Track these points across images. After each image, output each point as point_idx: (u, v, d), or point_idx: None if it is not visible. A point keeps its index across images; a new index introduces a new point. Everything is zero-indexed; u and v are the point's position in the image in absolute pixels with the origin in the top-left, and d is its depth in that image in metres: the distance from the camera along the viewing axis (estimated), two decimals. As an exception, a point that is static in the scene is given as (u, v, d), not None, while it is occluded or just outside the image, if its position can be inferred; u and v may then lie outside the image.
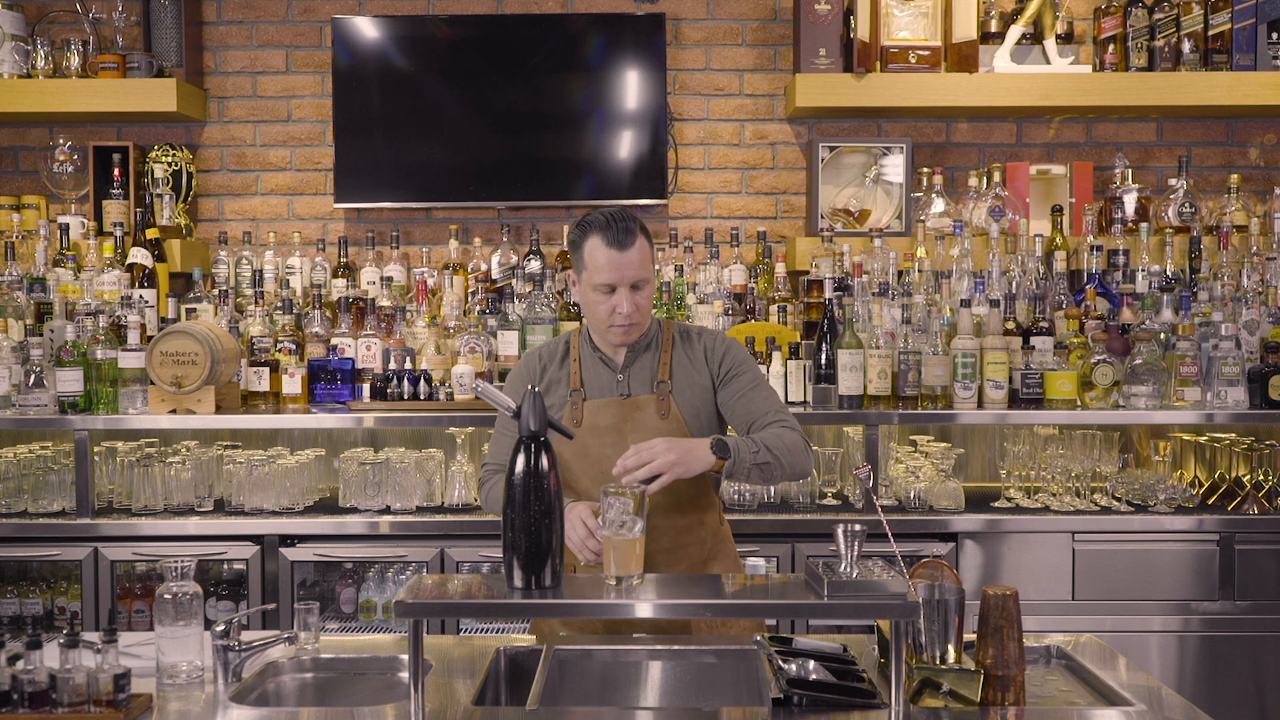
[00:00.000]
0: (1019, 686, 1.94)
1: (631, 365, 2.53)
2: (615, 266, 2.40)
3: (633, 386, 2.52)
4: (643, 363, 2.54)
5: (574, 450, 2.47)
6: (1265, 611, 3.49)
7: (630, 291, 2.42)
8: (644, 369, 2.53)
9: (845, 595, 1.85)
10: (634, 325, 2.46)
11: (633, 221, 2.44)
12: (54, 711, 1.83)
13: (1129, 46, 4.14)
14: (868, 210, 4.24)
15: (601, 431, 2.48)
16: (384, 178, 4.27)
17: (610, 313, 2.44)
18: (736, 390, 2.52)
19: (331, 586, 3.79)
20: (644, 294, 2.45)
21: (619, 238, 2.40)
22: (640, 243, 2.43)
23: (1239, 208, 4.15)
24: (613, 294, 2.43)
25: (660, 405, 2.49)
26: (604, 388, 2.52)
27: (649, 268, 2.46)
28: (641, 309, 2.45)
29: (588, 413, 2.49)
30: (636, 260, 2.41)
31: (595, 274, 2.42)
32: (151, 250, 4.03)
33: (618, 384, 2.52)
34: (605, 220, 2.42)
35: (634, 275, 2.42)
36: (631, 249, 2.41)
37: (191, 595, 2.08)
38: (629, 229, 2.41)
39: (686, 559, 2.50)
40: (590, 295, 2.46)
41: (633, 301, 2.42)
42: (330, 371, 3.79)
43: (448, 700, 2.01)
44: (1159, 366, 3.61)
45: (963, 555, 3.50)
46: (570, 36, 4.26)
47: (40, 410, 3.60)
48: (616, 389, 2.52)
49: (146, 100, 4.11)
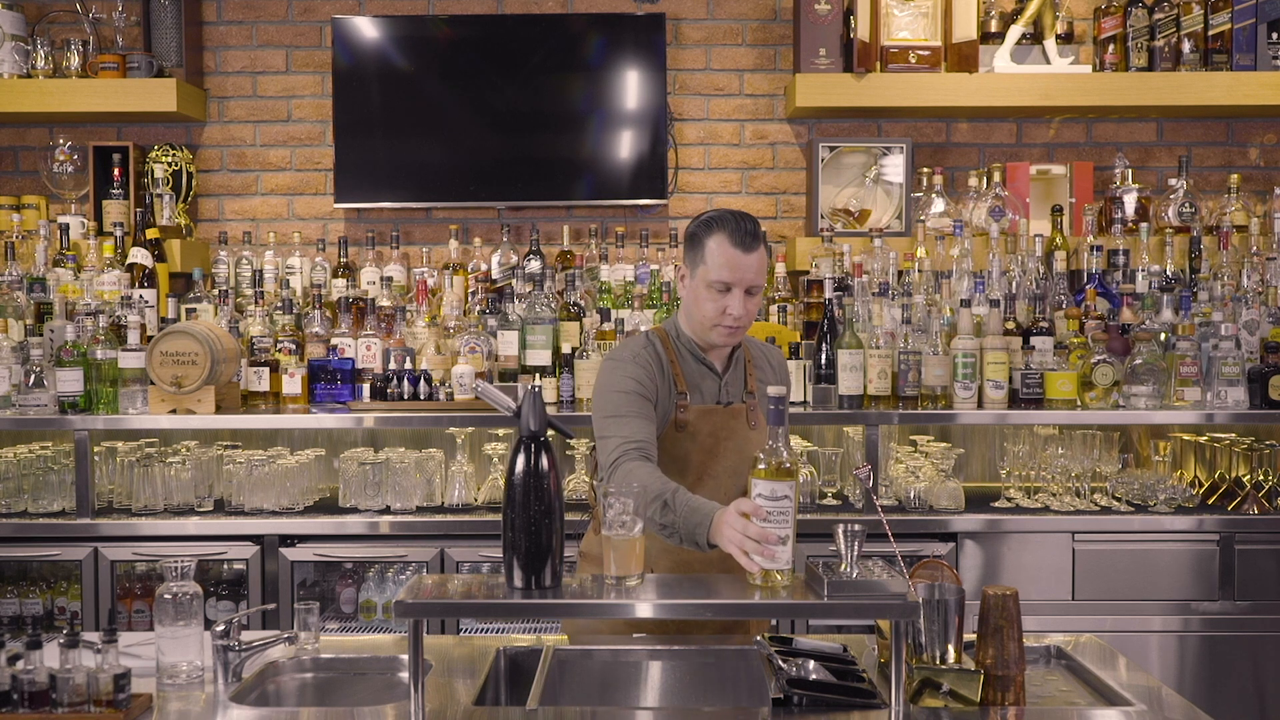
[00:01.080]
0: (1019, 686, 1.94)
1: (728, 372, 2.53)
2: (735, 266, 2.38)
3: (730, 393, 2.52)
4: (736, 371, 2.54)
5: (674, 454, 2.44)
6: (1265, 611, 3.49)
7: (745, 295, 2.41)
8: (738, 377, 2.54)
9: (845, 595, 1.85)
10: (740, 328, 2.45)
11: (758, 227, 2.43)
12: (54, 711, 1.83)
13: (1129, 46, 4.14)
14: (868, 210, 4.24)
15: (702, 437, 2.46)
16: (384, 178, 4.27)
17: (720, 313, 2.41)
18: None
19: (331, 586, 3.79)
20: (755, 300, 2.44)
21: (744, 239, 2.38)
22: (762, 250, 2.42)
23: (1239, 208, 4.15)
24: (727, 293, 2.40)
25: (751, 416, 2.50)
26: (707, 392, 2.50)
27: (764, 277, 2.45)
28: (750, 314, 2.44)
29: (693, 417, 2.46)
30: (756, 265, 2.40)
31: (713, 270, 2.39)
32: (151, 250, 4.03)
33: (723, 389, 2.51)
34: (734, 219, 2.40)
35: (751, 279, 2.40)
36: (754, 253, 2.39)
37: (191, 595, 2.08)
38: (755, 233, 2.41)
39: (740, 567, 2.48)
40: (701, 291, 2.43)
41: (745, 305, 2.41)
42: (330, 371, 3.79)
43: (448, 700, 2.01)
44: (1159, 366, 3.61)
45: (963, 555, 3.50)
46: (570, 36, 4.26)
47: (40, 410, 3.60)
48: (720, 395, 2.51)
49: (146, 100, 4.11)
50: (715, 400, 2.50)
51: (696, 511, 2.14)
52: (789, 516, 1.92)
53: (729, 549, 2.00)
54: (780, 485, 1.92)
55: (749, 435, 2.48)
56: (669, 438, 2.44)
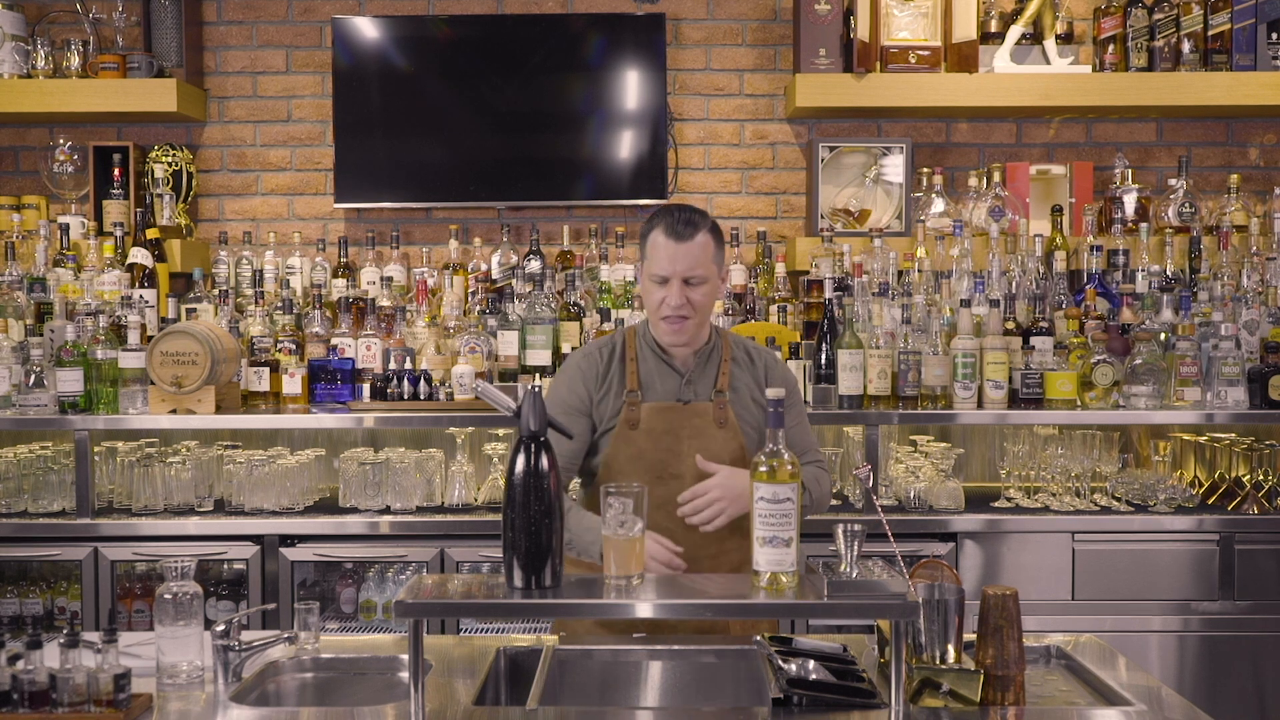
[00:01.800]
0: (1019, 686, 1.94)
1: (693, 371, 2.52)
2: (671, 257, 2.40)
3: (697, 392, 2.51)
4: (707, 371, 2.53)
5: (629, 453, 2.46)
6: (1265, 611, 3.49)
7: (682, 285, 2.40)
8: (707, 377, 2.52)
9: (845, 595, 1.85)
10: (684, 320, 2.43)
11: (701, 217, 2.43)
12: (54, 711, 1.83)
13: (1129, 46, 4.14)
14: (868, 210, 4.24)
15: (658, 435, 2.46)
16: (384, 178, 4.27)
17: (659, 304, 2.43)
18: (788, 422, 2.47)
19: (331, 586, 3.79)
20: (699, 291, 2.43)
21: (678, 229, 2.40)
22: (703, 238, 2.41)
23: (1239, 208, 4.15)
24: (665, 285, 2.42)
25: (719, 414, 2.49)
26: (666, 390, 2.50)
27: (708, 266, 2.43)
28: (695, 305, 2.42)
29: (644, 415, 2.47)
30: (693, 254, 2.39)
31: (652, 263, 2.43)
32: (151, 250, 4.03)
33: (684, 388, 2.51)
34: (672, 212, 2.43)
35: (687, 269, 2.39)
36: (689, 242, 2.40)
37: (191, 595, 2.08)
38: (692, 221, 2.41)
39: (728, 563, 2.48)
40: (647, 285, 2.46)
41: (683, 295, 2.40)
42: (330, 371, 3.79)
43: (448, 700, 2.01)
44: (1159, 366, 3.61)
45: (963, 555, 3.50)
46: (570, 36, 4.26)
47: (40, 410, 3.60)
48: (680, 393, 2.50)
49: (146, 100, 4.11)
50: (675, 398, 2.49)
51: (590, 530, 2.30)
52: (792, 519, 1.92)
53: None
54: (782, 489, 1.92)
55: (716, 434, 2.46)
56: (621, 436, 2.46)
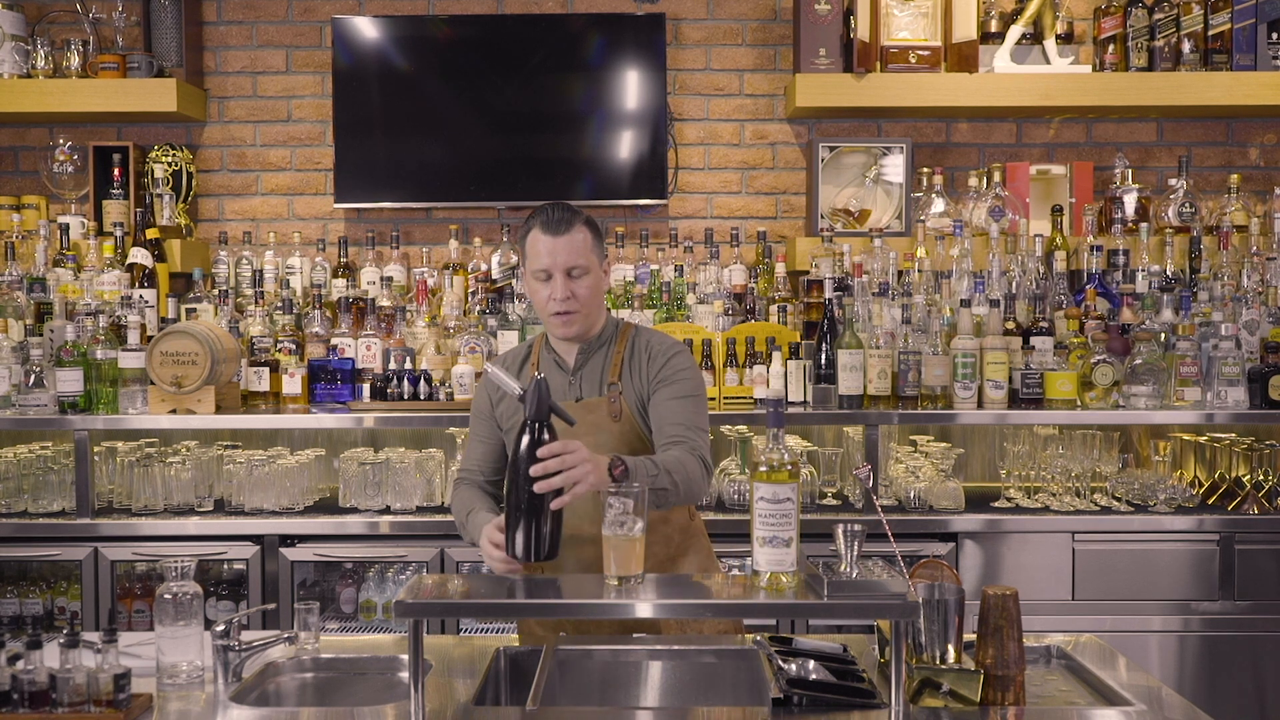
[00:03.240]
0: (1019, 686, 1.94)
1: (583, 367, 2.51)
2: (550, 251, 2.40)
3: (584, 389, 2.50)
4: (594, 364, 2.51)
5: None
6: (1265, 611, 3.49)
7: (565, 278, 2.41)
8: (595, 370, 2.51)
9: (845, 595, 1.85)
10: (572, 314, 2.43)
11: (574, 213, 2.44)
12: (54, 711, 1.83)
13: (1129, 46, 4.14)
14: (868, 210, 4.24)
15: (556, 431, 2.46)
16: (384, 178, 4.27)
17: (547, 299, 2.43)
18: (661, 397, 2.46)
19: (331, 586, 3.79)
20: (582, 284, 2.43)
21: (553, 225, 2.41)
22: (580, 232, 2.42)
23: (1239, 208, 4.15)
24: (549, 281, 2.42)
25: (612, 407, 2.47)
26: (557, 391, 2.47)
27: (588, 257, 2.43)
28: (580, 298, 2.42)
29: None
30: (573, 246, 2.40)
31: (532, 260, 2.43)
32: (151, 250, 4.03)
33: (569, 386, 2.50)
34: (547, 210, 2.44)
35: (567, 261, 2.40)
36: (566, 235, 2.40)
37: (191, 595, 2.08)
38: (566, 218, 2.42)
39: (651, 556, 2.42)
40: (531, 284, 2.46)
41: (568, 288, 2.40)
42: (330, 371, 3.79)
43: (448, 700, 2.01)
44: (1159, 366, 3.61)
45: (963, 555, 3.50)
46: (570, 36, 4.26)
47: (40, 410, 3.60)
48: (569, 392, 2.50)
49: (146, 100, 4.11)
50: (568, 396, 2.49)
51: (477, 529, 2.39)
52: (792, 519, 1.92)
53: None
54: (782, 488, 1.92)
55: (613, 427, 2.45)
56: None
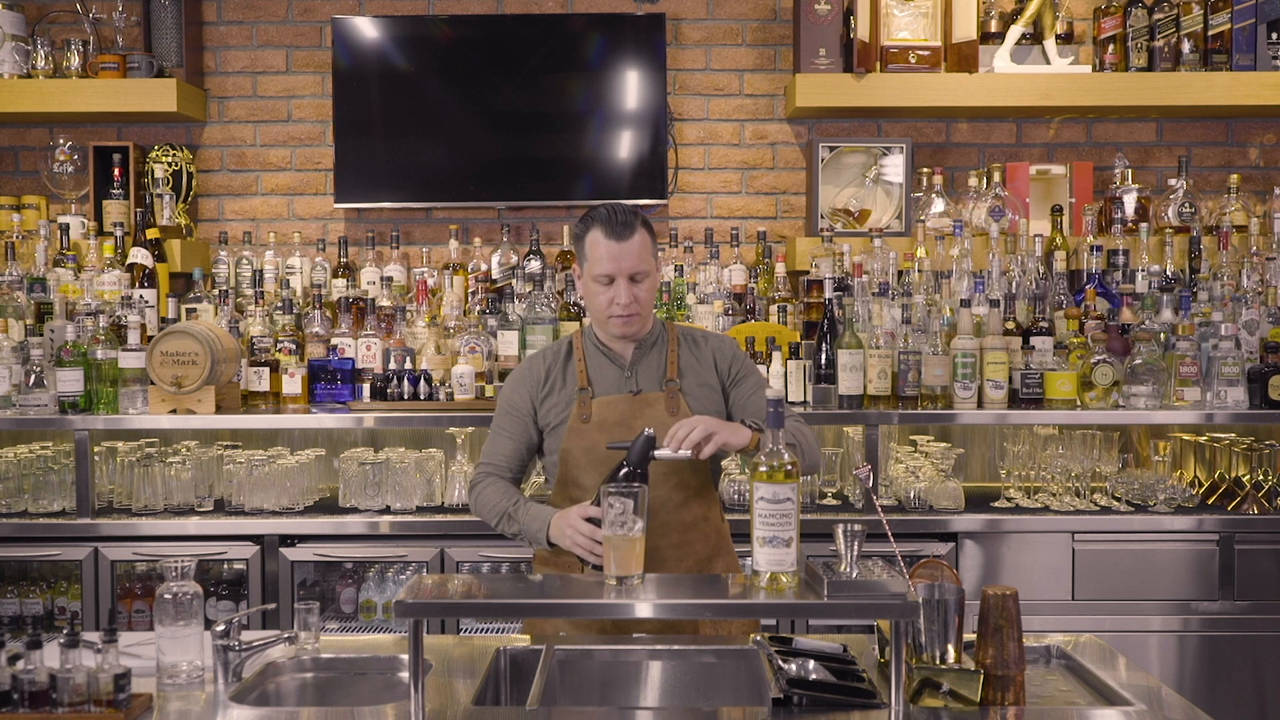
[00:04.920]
0: (1019, 686, 1.94)
1: (639, 363, 2.55)
2: (614, 257, 2.44)
3: (641, 383, 2.54)
4: (650, 361, 2.56)
5: (582, 446, 2.49)
6: (1265, 611, 3.49)
7: (629, 283, 2.45)
8: (651, 367, 2.55)
9: (845, 595, 1.85)
10: (633, 316, 2.47)
11: (633, 215, 2.47)
12: (54, 711, 1.83)
13: (1129, 46, 4.14)
14: (868, 210, 4.24)
15: (610, 428, 2.48)
16: (384, 178, 4.27)
17: (609, 304, 2.46)
18: (746, 391, 2.57)
19: (331, 586, 3.79)
20: (643, 287, 2.47)
21: (618, 229, 2.44)
22: (640, 235, 2.46)
23: (1239, 208, 4.15)
24: (611, 285, 2.45)
25: (670, 402, 2.52)
26: (611, 384, 2.53)
27: (649, 261, 2.48)
28: (641, 301, 2.47)
29: (596, 409, 2.50)
30: (635, 252, 2.44)
31: (595, 265, 2.46)
32: (151, 250, 4.03)
33: (625, 380, 2.54)
34: (606, 213, 2.47)
35: (631, 266, 2.44)
36: (630, 240, 2.44)
37: (191, 595, 2.08)
38: (628, 221, 2.45)
39: (693, 555, 2.51)
40: (591, 287, 2.49)
41: (631, 293, 2.45)
42: (330, 371, 3.79)
43: (448, 700, 2.01)
44: (1159, 366, 3.61)
45: (963, 555, 3.50)
46: (570, 36, 4.26)
47: (40, 410, 3.60)
48: (625, 385, 2.53)
49: (146, 100, 4.11)
50: (620, 390, 2.53)
51: (536, 519, 2.42)
52: (792, 519, 1.92)
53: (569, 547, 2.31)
54: (782, 488, 1.92)
55: (668, 422, 2.45)
56: (575, 430, 2.50)
